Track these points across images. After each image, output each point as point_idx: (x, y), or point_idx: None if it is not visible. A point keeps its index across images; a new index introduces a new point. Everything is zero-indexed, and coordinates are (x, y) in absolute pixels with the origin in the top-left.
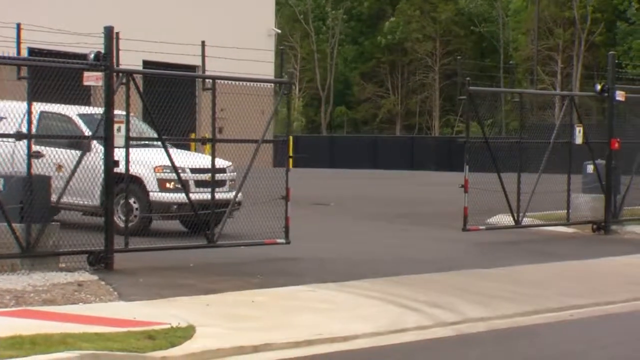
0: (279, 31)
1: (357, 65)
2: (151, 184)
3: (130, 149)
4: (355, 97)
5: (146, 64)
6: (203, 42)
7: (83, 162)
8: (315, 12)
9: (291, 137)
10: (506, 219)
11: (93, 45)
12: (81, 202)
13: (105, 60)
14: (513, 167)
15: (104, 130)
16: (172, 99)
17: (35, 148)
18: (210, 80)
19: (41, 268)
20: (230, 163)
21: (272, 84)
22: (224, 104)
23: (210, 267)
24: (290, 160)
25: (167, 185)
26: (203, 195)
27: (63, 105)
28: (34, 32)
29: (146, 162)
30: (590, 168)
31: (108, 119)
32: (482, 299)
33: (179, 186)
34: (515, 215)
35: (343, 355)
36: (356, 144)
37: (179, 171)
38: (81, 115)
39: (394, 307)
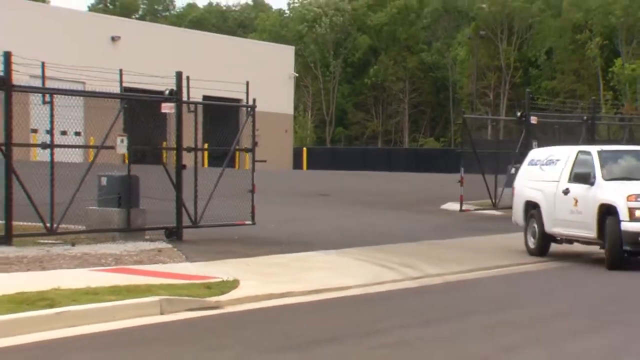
0: (297, 74)
1: (351, 98)
2: (622, 212)
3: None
4: (349, 120)
5: (205, 97)
6: (191, 79)
7: (586, 196)
8: (321, 61)
9: (258, 145)
10: (454, 206)
11: (167, 84)
12: (582, 234)
13: (176, 95)
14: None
15: (176, 142)
16: (222, 121)
17: (566, 186)
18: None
19: (133, 239)
20: None
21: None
22: (259, 125)
23: (249, 240)
24: (254, 164)
25: (638, 214)
26: None
27: (590, 147)
28: (126, 75)
29: (618, 189)
30: (513, 170)
31: (179, 136)
32: (437, 261)
33: None
34: (493, 200)
35: (341, 299)
36: (350, 153)
37: None
38: (600, 152)
39: (376, 267)
